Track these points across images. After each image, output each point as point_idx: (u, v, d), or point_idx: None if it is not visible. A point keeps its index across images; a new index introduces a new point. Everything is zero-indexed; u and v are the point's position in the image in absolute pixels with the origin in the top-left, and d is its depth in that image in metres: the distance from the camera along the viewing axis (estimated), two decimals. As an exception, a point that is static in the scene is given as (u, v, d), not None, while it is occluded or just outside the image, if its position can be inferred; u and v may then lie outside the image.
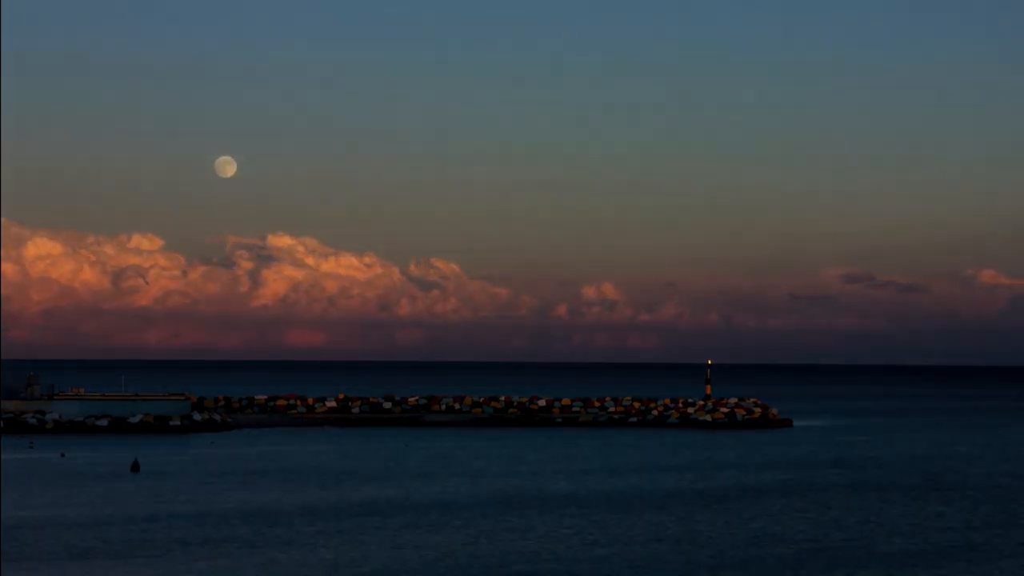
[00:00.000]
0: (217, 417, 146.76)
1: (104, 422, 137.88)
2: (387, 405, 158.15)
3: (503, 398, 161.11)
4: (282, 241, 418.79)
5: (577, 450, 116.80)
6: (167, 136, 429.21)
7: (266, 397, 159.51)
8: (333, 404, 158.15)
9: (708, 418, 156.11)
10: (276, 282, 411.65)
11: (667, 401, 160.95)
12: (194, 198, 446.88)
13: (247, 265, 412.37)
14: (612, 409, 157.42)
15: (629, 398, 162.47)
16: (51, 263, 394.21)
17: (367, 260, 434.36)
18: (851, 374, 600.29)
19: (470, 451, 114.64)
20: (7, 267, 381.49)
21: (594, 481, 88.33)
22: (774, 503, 75.89)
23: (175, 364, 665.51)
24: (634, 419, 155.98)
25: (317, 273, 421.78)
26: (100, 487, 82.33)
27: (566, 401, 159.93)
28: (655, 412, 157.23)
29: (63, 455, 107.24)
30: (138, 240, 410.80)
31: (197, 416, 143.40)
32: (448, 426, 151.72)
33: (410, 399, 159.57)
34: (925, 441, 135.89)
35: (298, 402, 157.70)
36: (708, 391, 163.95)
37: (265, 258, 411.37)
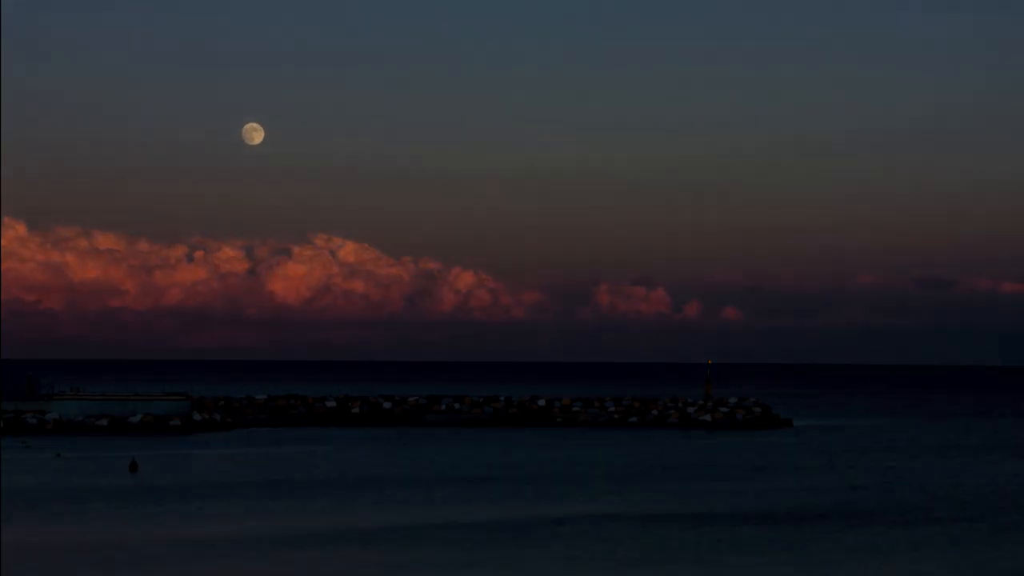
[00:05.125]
0: (217, 417, 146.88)
1: (104, 422, 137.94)
2: (387, 405, 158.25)
3: (503, 398, 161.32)
4: (301, 237, 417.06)
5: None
6: (176, 130, 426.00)
7: (266, 397, 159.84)
8: (333, 404, 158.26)
9: (708, 418, 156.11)
10: (296, 279, 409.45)
11: (667, 401, 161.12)
12: (204, 193, 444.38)
13: (263, 261, 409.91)
14: (612, 409, 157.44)
15: (629, 398, 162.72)
16: (62, 260, 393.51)
17: (388, 258, 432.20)
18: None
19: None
20: (33, 267, 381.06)
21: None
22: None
23: (185, 364, 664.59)
24: (634, 419, 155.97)
25: (338, 270, 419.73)
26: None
27: (566, 401, 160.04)
28: (655, 412, 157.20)
29: (59, 455, 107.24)
30: (144, 237, 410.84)
31: (197, 416, 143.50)
32: (448, 426, 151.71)
33: (410, 399, 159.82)
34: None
35: (298, 402, 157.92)
36: (708, 391, 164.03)
37: (284, 254, 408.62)
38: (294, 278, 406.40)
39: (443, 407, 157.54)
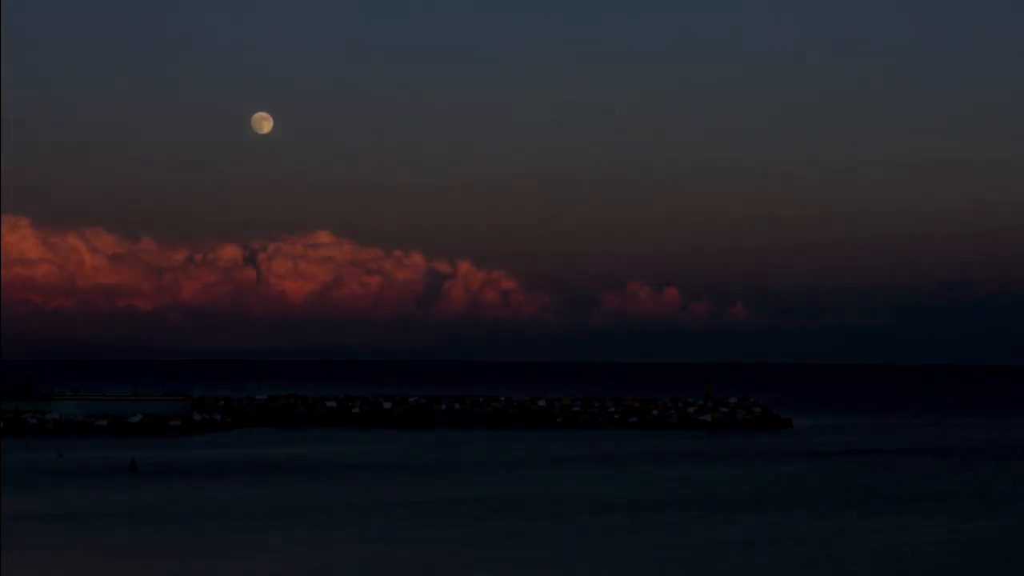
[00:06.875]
0: (217, 417, 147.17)
1: (104, 422, 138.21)
2: (387, 405, 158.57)
3: (503, 398, 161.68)
4: (312, 235, 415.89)
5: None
6: (177, 128, 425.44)
7: (266, 397, 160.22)
8: (333, 404, 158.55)
9: (708, 418, 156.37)
10: (301, 278, 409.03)
11: (667, 401, 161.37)
12: (210, 192, 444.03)
13: (269, 260, 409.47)
14: (612, 409, 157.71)
15: (629, 398, 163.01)
16: (66, 260, 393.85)
17: (397, 255, 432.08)
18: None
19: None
20: (37, 267, 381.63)
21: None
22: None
23: (190, 365, 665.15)
24: (634, 419, 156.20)
25: (349, 269, 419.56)
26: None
27: (566, 401, 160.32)
28: (655, 412, 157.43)
29: (60, 455, 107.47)
30: (146, 236, 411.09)
31: (197, 416, 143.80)
32: (448, 426, 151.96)
33: (410, 399, 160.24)
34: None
35: (298, 402, 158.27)
36: (708, 391, 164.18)
37: (291, 252, 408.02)
38: (299, 277, 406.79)
39: (443, 407, 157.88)
